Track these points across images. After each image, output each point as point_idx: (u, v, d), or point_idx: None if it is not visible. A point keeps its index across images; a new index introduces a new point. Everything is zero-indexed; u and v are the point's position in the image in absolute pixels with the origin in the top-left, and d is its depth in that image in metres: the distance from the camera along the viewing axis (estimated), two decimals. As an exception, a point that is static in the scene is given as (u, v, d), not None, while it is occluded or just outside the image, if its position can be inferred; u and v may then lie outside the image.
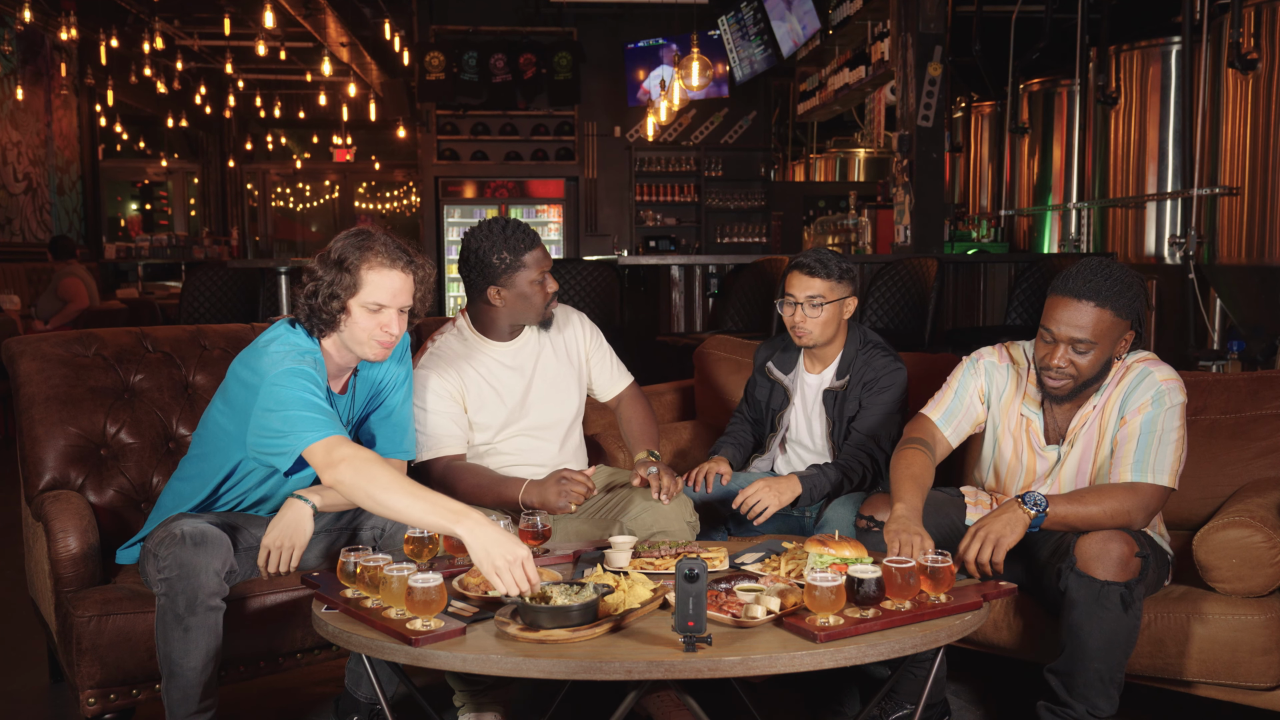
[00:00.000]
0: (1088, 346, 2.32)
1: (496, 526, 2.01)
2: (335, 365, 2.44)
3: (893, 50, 7.39)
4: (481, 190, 11.92)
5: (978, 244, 8.57)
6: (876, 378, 2.87)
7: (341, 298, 2.32)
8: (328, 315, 2.34)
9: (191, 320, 6.18)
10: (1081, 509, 2.28)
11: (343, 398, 2.49)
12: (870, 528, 2.50)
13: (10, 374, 2.70)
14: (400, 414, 2.58)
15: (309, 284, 2.34)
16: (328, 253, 2.36)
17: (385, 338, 2.37)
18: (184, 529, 2.20)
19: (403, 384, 2.58)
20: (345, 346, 2.40)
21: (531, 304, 2.73)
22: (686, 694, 1.96)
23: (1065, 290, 2.33)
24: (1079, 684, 2.22)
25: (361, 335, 2.35)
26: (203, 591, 2.16)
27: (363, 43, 11.41)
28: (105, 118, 11.88)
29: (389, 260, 2.34)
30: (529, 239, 2.70)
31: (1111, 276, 2.32)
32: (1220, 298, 5.92)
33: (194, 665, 2.18)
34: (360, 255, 2.32)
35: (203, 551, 2.17)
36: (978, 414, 2.60)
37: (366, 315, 2.34)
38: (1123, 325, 2.34)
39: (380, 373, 2.55)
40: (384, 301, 2.34)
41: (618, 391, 3.01)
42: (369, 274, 2.32)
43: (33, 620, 2.89)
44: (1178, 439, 2.33)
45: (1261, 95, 5.34)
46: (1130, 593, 2.19)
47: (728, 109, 12.08)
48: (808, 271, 2.84)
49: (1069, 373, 2.35)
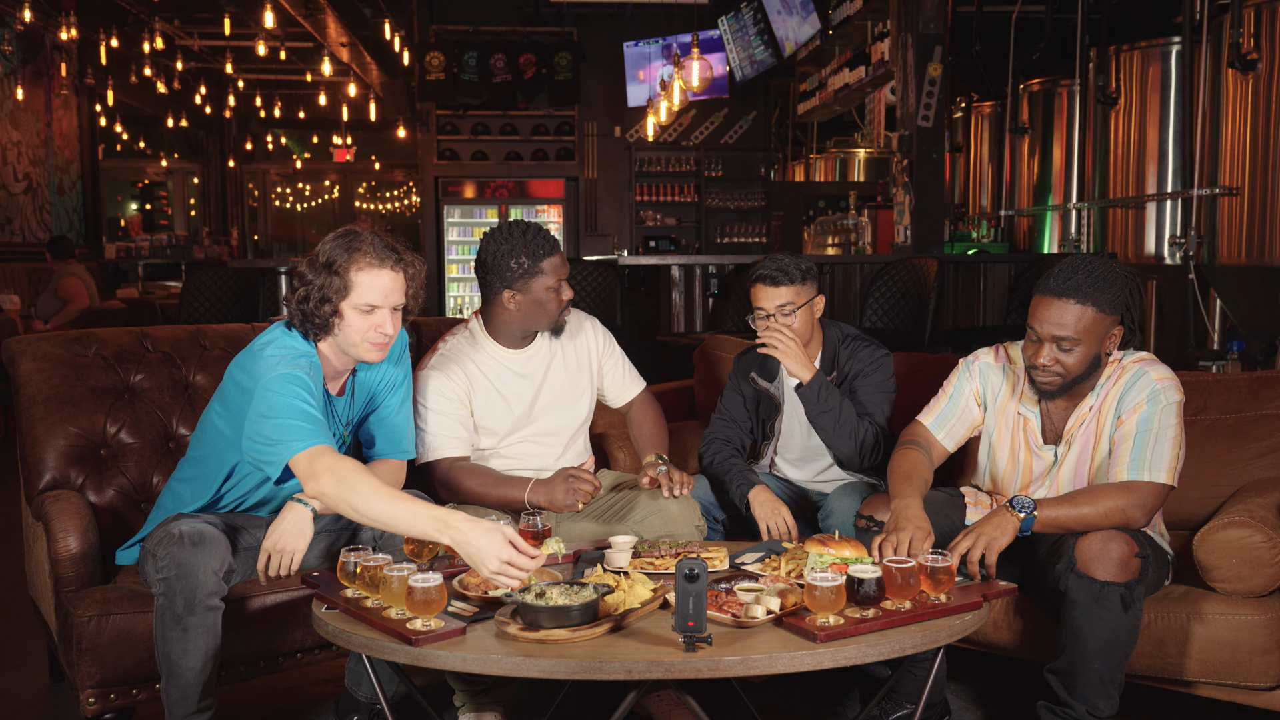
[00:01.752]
0: (1072, 344, 2.32)
1: (478, 527, 2.00)
2: (332, 368, 2.44)
3: (893, 50, 7.39)
4: (481, 190, 11.92)
5: (978, 244, 8.57)
6: (863, 368, 2.86)
7: (333, 301, 2.31)
8: (320, 319, 2.33)
9: (191, 320, 6.18)
10: (1074, 510, 2.28)
11: (341, 399, 2.49)
12: (870, 527, 2.50)
13: (10, 374, 2.70)
14: (399, 415, 2.57)
15: (300, 289, 2.33)
16: (316, 256, 2.34)
17: (380, 339, 2.36)
18: (182, 529, 2.20)
19: (401, 384, 2.57)
20: (341, 349, 2.39)
21: (545, 310, 2.71)
22: (686, 694, 1.96)
23: (1047, 289, 2.34)
24: (1079, 684, 2.22)
25: (355, 337, 2.35)
26: (201, 591, 2.16)
27: (363, 43, 11.42)
28: (105, 118, 11.88)
29: (378, 260, 2.32)
30: (548, 245, 2.67)
31: (1093, 273, 2.32)
32: (1220, 298, 5.92)
33: (193, 665, 2.17)
34: (349, 257, 2.31)
35: (200, 551, 2.17)
36: (974, 417, 2.60)
37: (360, 317, 2.33)
38: (1108, 321, 2.33)
39: (377, 374, 2.55)
40: (376, 302, 2.32)
41: (629, 398, 3.00)
42: (358, 275, 2.31)
43: (33, 620, 2.89)
44: (1175, 437, 2.33)
45: (1261, 95, 5.34)
46: (1130, 593, 2.19)
47: (728, 109, 12.08)
48: (772, 282, 2.80)
49: (1056, 371, 2.36)
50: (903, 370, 3.04)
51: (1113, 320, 2.34)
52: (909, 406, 2.84)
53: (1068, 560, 2.25)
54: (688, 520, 2.63)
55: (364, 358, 2.39)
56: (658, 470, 2.66)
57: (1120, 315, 2.35)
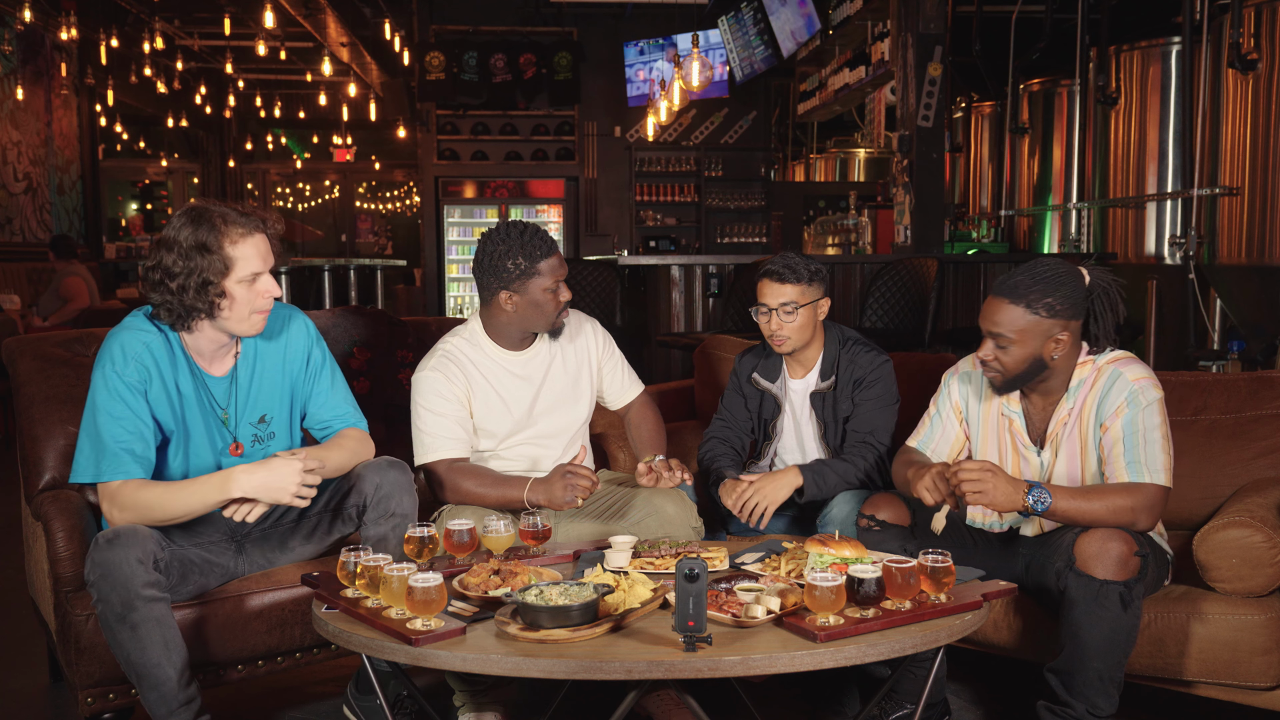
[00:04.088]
0: (1007, 343, 2.35)
1: (260, 466, 2.22)
2: (207, 349, 2.38)
3: (893, 50, 7.39)
4: (481, 190, 11.93)
5: (978, 244, 8.57)
6: (864, 375, 2.87)
7: (216, 283, 2.26)
8: (204, 305, 2.28)
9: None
10: (1085, 504, 2.28)
11: (220, 380, 2.43)
12: (870, 527, 2.50)
13: (10, 374, 2.70)
14: (335, 392, 2.57)
15: (169, 282, 2.25)
16: (176, 243, 2.25)
17: (266, 304, 2.34)
18: (99, 533, 2.19)
19: (325, 365, 2.56)
20: (221, 329, 2.35)
21: (543, 312, 2.70)
22: (686, 694, 1.96)
23: (993, 287, 2.39)
24: (1079, 683, 2.22)
25: (244, 311, 2.31)
26: (133, 583, 2.12)
27: (363, 43, 11.42)
28: (105, 118, 11.88)
29: (248, 228, 2.30)
30: (546, 246, 2.67)
31: (1039, 276, 2.34)
32: (1220, 298, 5.92)
33: (156, 661, 2.14)
34: (218, 233, 2.26)
35: (118, 546, 2.13)
36: (956, 433, 2.61)
37: (245, 289, 2.30)
38: (1047, 324, 2.33)
39: (286, 357, 2.51)
40: (258, 269, 2.30)
41: (628, 401, 2.99)
42: (234, 248, 2.27)
43: (33, 620, 2.90)
44: (1161, 435, 2.32)
45: (1261, 95, 5.34)
46: (1129, 592, 2.19)
47: (728, 109, 12.08)
48: (778, 279, 2.82)
49: (995, 367, 2.40)
50: (903, 370, 3.04)
51: (1055, 324, 2.33)
52: (909, 407, 2.85)
53: (1066, 559, 2.25)
54: (684, 522, 2.63)
55: (247, 332, 2.35)
56: (654, 461, 2.67)
57: (1067, 320, 2.34)
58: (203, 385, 2.40)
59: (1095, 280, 2.39)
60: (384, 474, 2.45)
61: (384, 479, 2.44)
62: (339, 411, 2.57)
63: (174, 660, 2.16)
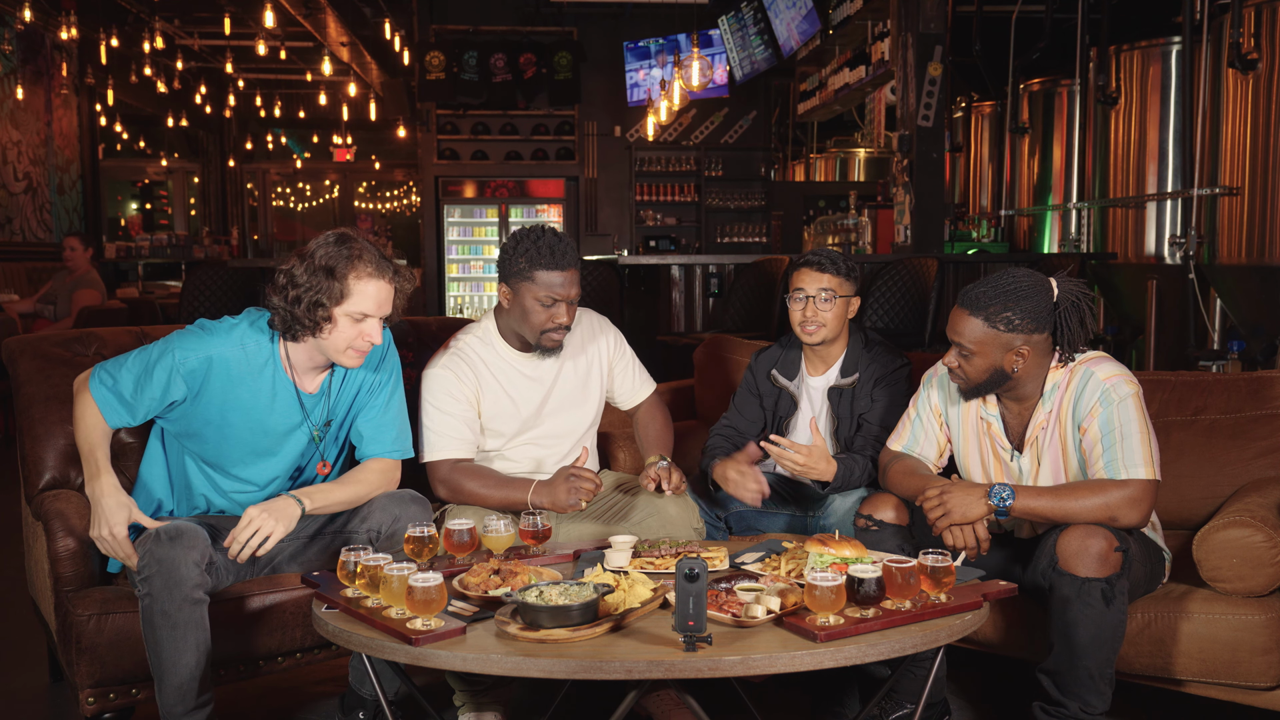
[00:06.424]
0: (968, 353, 2.37)
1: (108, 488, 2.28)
2: (302, 366, 2.44)
3: (893, 50, 7.39)
4: (482, 190, 11.92)
5: (978, 244, 8.56)
6: (887, 373, 2.88)
7: (327, 306, 2.31)
8: (310, 322, 2.33)
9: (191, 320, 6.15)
10: (1055, 501, 2.28)
11: (313, 396, 2.48)
12: (868, 527, 2.50)
13: (10, 374, 2.69)
14: (385, 415, 2.56)
15: (291, 291, 2.32)
16: (313, 258, 2.33)
17: (365, 346, 2.37)
18: (159, 528, 2.20)
19: (384, 387, 2.57)
20: (319, 351, 2.40)
21: (528, 321, 2.66)
22: (686, 693, 1.96)
23: (959, 296, 2.41)
24: (1070, 682, 2.22)
25: (341, 343, 2.35)
26: (185, 584, 2.15)
27: (363, 42, 11.42)
28: (105, 117, 11.87)
29: (377, 271, 2.34)
30: (551, 259, 2.61)
31: (1000, 289, 2.34)
32: (1220, 298, 5.92)
33: (187, 662, 2.17)
34: (349, 264, 2.32)
35: (178, 545, 2.16)
36: (937, 434, 2.61)
37: (350, 324, 2.34)
38: (1008, 338, 2.33)
39: (358, 378, 2.54)
40: (369, 311, 2.34)
41: (638, 401, 2.99)
42: (357, 284, 2.32)
43: (33, 620, 2.89)
44: (1139, 430, 2.30)
45: (1261, 95, 5.34)
46: (1111, 588, 2.19)
47: (728, 109, 12.07)
48: (818, 267, 2.85)
49: (959, 375, 2.42)
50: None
51: (1015, 338, 2.33)
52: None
53: (1050, 558, 2.26)
54: (686, 523, 2.63)
55: (344, 363, 2.40)
56: (658, 466, 2.66)
57: (1029, 334, 2.33)
58: (297, 398, 2.45)
59: (1064, 293, 2.38)
60: (405, 508, 2.47)
61: (404, 512, 2.46)
62: (377, 435, 2.57)
63: (201, 662, 2.19)
